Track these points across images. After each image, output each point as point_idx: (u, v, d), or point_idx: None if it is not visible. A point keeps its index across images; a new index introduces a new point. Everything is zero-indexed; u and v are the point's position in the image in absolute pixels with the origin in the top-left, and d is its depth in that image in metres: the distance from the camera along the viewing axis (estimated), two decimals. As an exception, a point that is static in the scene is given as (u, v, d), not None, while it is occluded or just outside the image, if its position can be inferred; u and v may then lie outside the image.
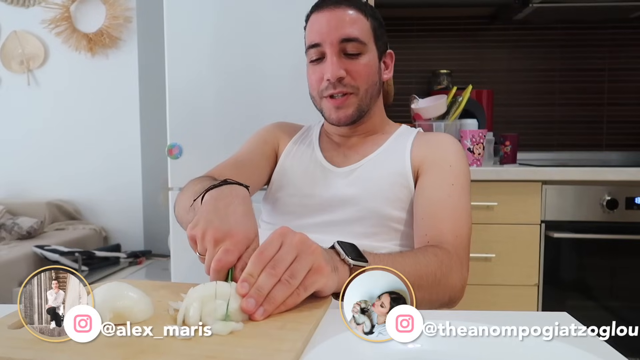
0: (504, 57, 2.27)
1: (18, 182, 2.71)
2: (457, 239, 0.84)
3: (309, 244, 0.60)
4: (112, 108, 2.66)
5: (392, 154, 0.98)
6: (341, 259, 0.65)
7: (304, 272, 0.58)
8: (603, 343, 0.52)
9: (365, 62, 0.93)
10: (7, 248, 2.18)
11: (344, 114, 0.94)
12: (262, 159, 1.04)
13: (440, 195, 0.89)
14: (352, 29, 0.91)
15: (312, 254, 0.59)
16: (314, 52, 0.93)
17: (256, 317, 0.55)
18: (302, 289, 0.58)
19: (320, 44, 0.92)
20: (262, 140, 1.07)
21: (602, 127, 2.26)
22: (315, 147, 1.04)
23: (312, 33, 0.93)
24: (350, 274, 0.63)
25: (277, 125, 1.12)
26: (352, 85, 0.93)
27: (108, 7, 2.59)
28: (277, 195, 1.01)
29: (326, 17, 0.92)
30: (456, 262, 0.81)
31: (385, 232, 0.93)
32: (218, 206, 0.68)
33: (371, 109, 0.99)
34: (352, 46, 0.91)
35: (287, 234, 0.60)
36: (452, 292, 0.79)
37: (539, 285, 1.70)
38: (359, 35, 0.92)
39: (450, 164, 0.93)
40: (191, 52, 1.69)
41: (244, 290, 0.56)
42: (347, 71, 0.92)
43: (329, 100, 0.94)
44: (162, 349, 0.49)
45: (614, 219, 1.66)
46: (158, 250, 2.64)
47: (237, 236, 0.64)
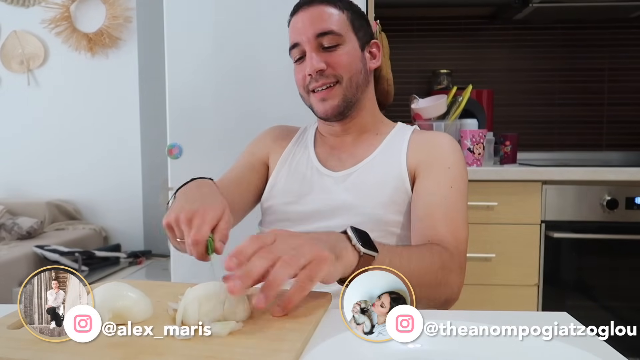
0: (504, 57, 2.27)
1: (18, 182, 2.71)
2: (456, 241, 0.84)
3: (304, 240, 0.61)
4: (112, 108, 2.66)
5: (388, 157, 0.97)
6: (352, 245, 0.65)
7: (303, 260, 0.57)
8: (602, 343, 0.52)
9: (344, 52, 0.94)
10: (7, 248, 2.18)
11: (330, 105, 0.94)
12: (252, 174, 1.05)
13: (438, 197, 0.89)
14: (326, 23, 0.93)
15: (309, 245, 0.59)
16: (296, 52, 0.96)
17: (258, 304, 0.55)
18: (307, 279, 0.57)
19: (299, 43, 0.94)
20: (250, 153, 1.08)
21: (602, 127, 2.26)
22: (311, 150, 1.04)
23: (292, 34, 0.97)
24: (358, 261, 0.64)
25: (268, 133, 1.11)
26: (333, 74, 0.93)
27: (108, 7, 2.59)
28: (273, 203, 1.01)
29: (301, 16, 0.95)
30: (456, 264, 0.81)
31: (383, 236, 0.92)
32: (187, 194, 0.78)
33: (360, 101, 0.98)
34: (329, 39, 0.93)
35: (281, 232, 0.62)
36: (450, 293, 0.79)
37: (538, 285, 1.70)
38: (334, 27, 0.93)
39: (449, 165, 0.93)
40: (191, 52, 1.68)
41: (232, 264, 0.56)
42: (327, 63, 0.93)
43: (314, 95, 0.95)
44: (162, 349, 0.49)
45: (614, 219, 1.66)
46: (158, 250, 2.64)
47: (205, 211, 0.70)
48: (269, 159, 1.07)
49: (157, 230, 2.65)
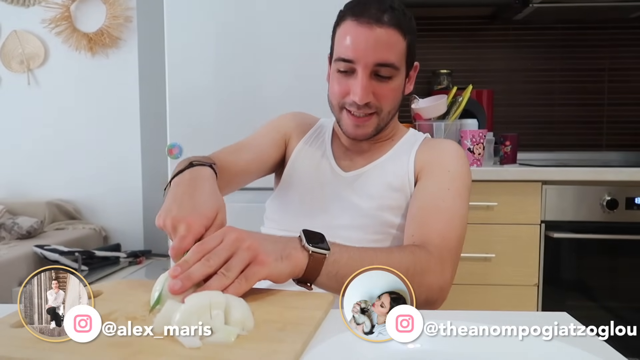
0: (504, 57, 2.27)
1: (18, 181, 2.71)
2: (444, 241, 0.82)
3: (244, 241, 0.62)
4: (112, 108, 2.66)
5: (397, 161, 0.98)
6: (302, 245, 0.67)
7: (240, 267, 0.61)
8: (602, 343, 0.52)
9: (393, 86, 0.91)
10: (7, 248, 2.18)
11: (362, 131, 0.94)
12: (270, 146, 1.04)
13: (433, 199, 0.89)
14: (389, 54, 0.88)
15: (247, 250, 0.62)
16: (344, 65, 0.90)
17: (173, 287, 0.57)
18: (244, 279, 0.60)
19: (354, 62, 0.88)
20: (274, 128, 1.08)
21: (602, 127, 2.26)
22: (327, 148, 1.04)
23: (346, 47, 0.89)
24: (309, 260, 0.66)
25: (292, 117, 1.11)
26: (376, 106, 0.91)
27: (108, 6, 2.59)
28: (285, 193, 1.02)
29: (365, 35, 0.87)
30: (436, 262, 0.78)
31: (386, 238, 0.93)
32: (177, 193, 0.74)
33: (389, 124, 0.98)
34: (386, 70, 0.89)
35: (228, 232, 0.63)
36: (428, 292, 0.76)
37: (538, 285, 1.70)
38: (395, 60, 0.89)
39: (449, 169, 0.93)
40: (191, 51, 1.69)
41: (175, 273, 0.59)
42: (374, 94, 0.90)
43: (349, 116, 0.93)
44: (162, 349, 0.49)
45: (614, 219, 1.66)
46: (158, 250, 2.63)
47: (192, 220, 0.68)
48: (289, 141, 1.07)
49: (157, 230, 2.65)
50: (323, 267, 0.67)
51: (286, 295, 0.65)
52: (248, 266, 0.61)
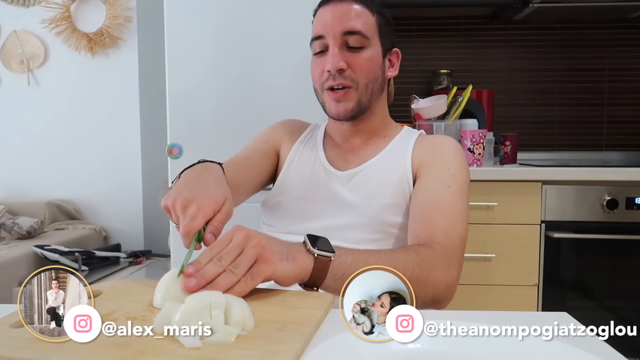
0: (504, 57, 2.27)
1: (18, 182, 2.71)
2: (448, 239, 0.83)
3: (252, 238, 0.64)
4: (112, 108, 2.66)
5: (393, 159, 0.97)
6: (307, 249, 0.68)
7: (247, 263, 0.62)
8: (602, 343, 0.52)
9: (367, 56, 0.93)
10: (7, 248, 2.18)
11: (344, 107, 0.94)
12: (262, 158, 1.04)
13: (435, 197, 0.89)
14: (356, 22, 0.91)
15: (254, 247, 0.63)
16: (318, 44, 0.93)
17: (187, 284, 0.59)
18: (249, 277, 0.62)
19: (324, 36, 0.92)
20: (263, 139, 1.08)
21: (602, 127, 2.26)
22: (319, 148, 1.04)
23: (317, 25, 0.94)
24: (315, 263, 0.67)
25: (282, 125, 1.12)
26: (352, 78, 0.92)
27: (108, 6, 2.59)
28: (279, 199, 1.01)
29: (331, 9, 0.92)
30: (441, 260, 0.79)
31: (386, 237, 0.92)
32: (188, 179, 0.76)
33: (373, 106, 0.98)
34: (355, 39, 0.91)
35: (237, 231, 0.65)
36: (435, 290, 0.77)
37: (538, 285, 1.70)
38: (362, 28, 0.92)
39: (449, 166, 0.93)
40: (191, 51, 1.69)
41: (190, 271, 0.60)
42: (348, 64, 0.91)
43: (329, 93, 0.94)
44: (162, 349, 0.49)
45: (614, 219, 1.66)
46: (158, 250, 2.64)
47: (203, 201, 0.70)
48: (281, 149, 1.07)
49: (157, 230, 2.66)
50: (329, 270, 0.68)
51: (286, 295, 0.65)
52: (254, 264, 0.62)
